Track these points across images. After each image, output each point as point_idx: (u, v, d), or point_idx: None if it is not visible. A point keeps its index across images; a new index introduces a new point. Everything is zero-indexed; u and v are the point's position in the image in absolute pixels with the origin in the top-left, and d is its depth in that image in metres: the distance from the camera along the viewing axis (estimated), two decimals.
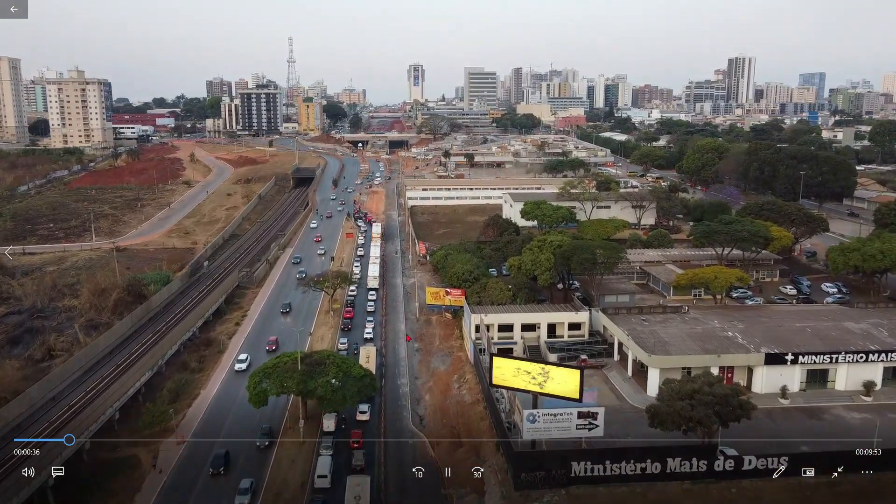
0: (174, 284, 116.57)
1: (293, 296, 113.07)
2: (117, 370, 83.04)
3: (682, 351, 74.28)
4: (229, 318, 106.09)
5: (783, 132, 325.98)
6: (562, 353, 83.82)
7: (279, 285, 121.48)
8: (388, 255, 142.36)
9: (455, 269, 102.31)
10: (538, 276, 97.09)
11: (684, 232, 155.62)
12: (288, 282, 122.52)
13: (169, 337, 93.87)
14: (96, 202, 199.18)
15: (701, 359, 72.45)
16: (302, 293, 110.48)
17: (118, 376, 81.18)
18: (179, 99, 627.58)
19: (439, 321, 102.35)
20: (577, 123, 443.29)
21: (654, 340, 77.27)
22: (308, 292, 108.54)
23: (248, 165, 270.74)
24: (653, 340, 77.16)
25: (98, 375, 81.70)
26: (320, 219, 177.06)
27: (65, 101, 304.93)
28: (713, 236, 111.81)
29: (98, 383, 79.52)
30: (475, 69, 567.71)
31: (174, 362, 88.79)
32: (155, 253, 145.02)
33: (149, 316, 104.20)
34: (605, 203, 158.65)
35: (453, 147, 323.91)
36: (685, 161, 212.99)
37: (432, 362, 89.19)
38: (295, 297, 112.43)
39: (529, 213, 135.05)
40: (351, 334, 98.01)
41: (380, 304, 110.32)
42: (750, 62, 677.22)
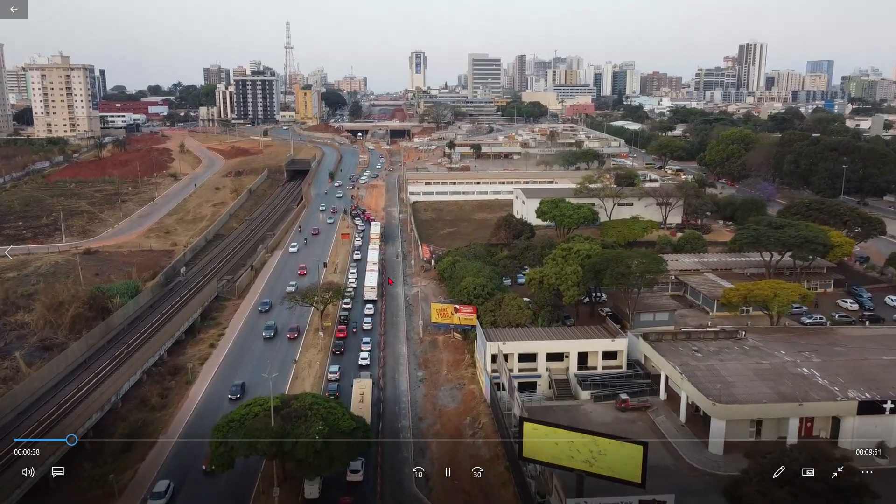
0: (143, 296, 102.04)
1: (277, 312, 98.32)
2: (60, 411, 68.76)
3: (751, 396, 59.74)
4: (204, 337, 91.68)
5: (805, 121, 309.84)
6: (596, 389, 69.41)
7: (265, 295, 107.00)
8: (387, 258, 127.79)
9: (465, 283, 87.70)
10: (563, 291, 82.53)
11: (715, 232, 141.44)
12: (273, 293, 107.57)
13: (129, 364, 79.78)
14: (73, 197, 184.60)
15: (778, 408, 58.00)
16: (288, 309, 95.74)
17: (60, 419, 66.99)
18: (176, 87, 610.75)
19: (447, 343, 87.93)
20: (586, 112, 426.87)
21: (714, 380, 62.76)
22: (295, 308, 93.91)
23: (241, 157, 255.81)
24: (712, 380, 62.66)
25: (35, 419, 67.33)
26: (303, 242, 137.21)
27: (48, 87, 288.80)
28: (762, 242, 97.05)
29: (34, 428, 65.25)
30: (479, 55, 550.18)
31: (133, 395, 74.65)
32: (129, 256, 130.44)
33: (109, 336, 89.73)
34: (628, 200, 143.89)
35: (457, 137, 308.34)
36: (708, 152, 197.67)
37: (439, 397, 74.79)
38: (279, 314, 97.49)
39: (547, 214, 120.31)
40: (343, 360, 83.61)
41: (378, 321, 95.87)
42: (761, 49, 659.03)
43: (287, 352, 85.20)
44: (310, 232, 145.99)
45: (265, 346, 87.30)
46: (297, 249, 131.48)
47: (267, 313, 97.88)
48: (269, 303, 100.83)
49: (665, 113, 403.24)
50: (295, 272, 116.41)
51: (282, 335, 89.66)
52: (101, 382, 75.75)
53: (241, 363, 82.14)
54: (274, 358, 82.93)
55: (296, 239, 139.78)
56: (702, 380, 62.58)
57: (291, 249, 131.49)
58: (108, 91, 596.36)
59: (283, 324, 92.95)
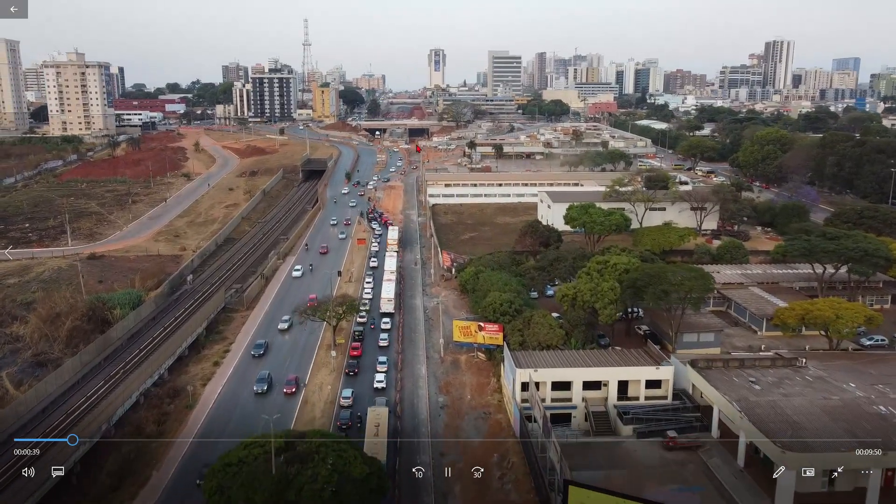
0: (145, 307, 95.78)
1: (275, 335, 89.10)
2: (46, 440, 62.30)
3: (825, 442, 51.76)
4: (208, 353, 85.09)
5: (839, 120, 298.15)
6: (639, 424, 61.82)
7: (275, 306, 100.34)
8: (405, 266, 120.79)
9: (490, 299, 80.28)
10: (599, 310, 74.88)
11: (754, 239, 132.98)
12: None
13: (125, 385, 73.43)
14: (83, 197, 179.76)
15: (858, 458, 49.88)
16: (299, 324, 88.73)
17: (45, 450, 60.51)
18: (194, 84, 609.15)
19: (469, 363, 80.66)
20: (609, 110, 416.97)
21: (778, 419, 54.92)
22: (305, 323, 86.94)
23: (256, 156, 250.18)
24: (776, 419, 54.81)
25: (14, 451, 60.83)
26: (308, 267, 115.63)
27: (63, 85, 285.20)
28: (816, 255, 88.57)
29: (13, 464, 58.88)
30: (499, 53, 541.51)
31: (128, 420, 68.18)
32: (136, 262, 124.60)
33: (107, 352, 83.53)
34: (660, 205, 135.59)
35: (477, 136, 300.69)
36: (741, 153, 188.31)
37: (463, 428, 67.49)
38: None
39: (576, 220, 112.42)
40: (357, 381, 76.60)
41: (395, 337, 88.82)
42: (788, 46, 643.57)
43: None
44: (318, 250, 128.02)
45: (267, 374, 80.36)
46: (302, 273, 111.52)
47: (261, 358, 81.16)
48: (265, 345, 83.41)
49: (691, 112, 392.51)
50: (294, 304, 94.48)
51: (278, 388, 74.03)
52: (94, 407, 69.48)
53: (246, 385, 75.42)
54: (283, 377, 76.33)
55: (301, 260, 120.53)
56: (764, 419, 54.72)
57: (295, 273, 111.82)
58: (127, 89, 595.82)
59: (281, 367, 78.83)
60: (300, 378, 76.21)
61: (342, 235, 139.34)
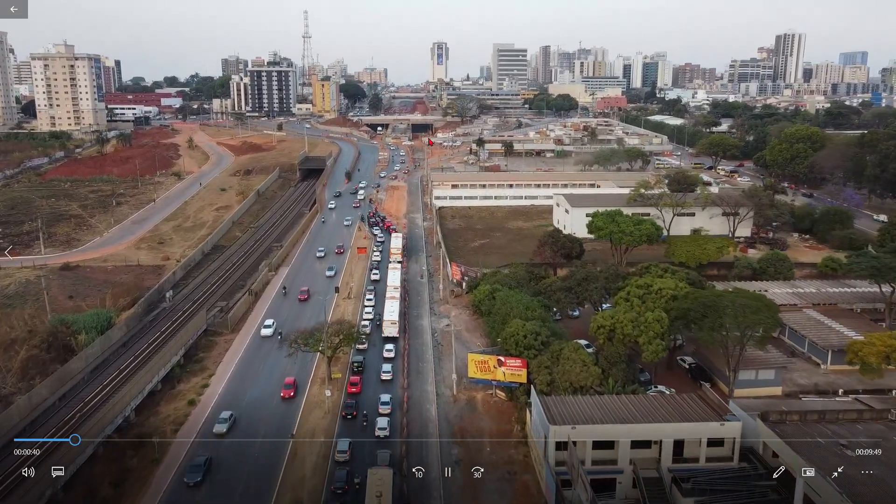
0: (116, 331, 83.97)
1: (272, 361, 77.75)
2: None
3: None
4: (184, 389, 73.37)
5: (862, 117, 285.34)
6: (702, 496, 50.08)
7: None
8: (410, 278, 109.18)
9: (512, 330, 68.38)
10: (643, 345, 63.15)
11: (793, 248, 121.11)
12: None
13: (82, 432, 61.65)
14: (65, 198, 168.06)
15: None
16: (286, 357, 76.74)
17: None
18: (193, 78, 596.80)
19: (487, 404, 69.05)
20: (618, 105, 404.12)
21: (887, 501, 43.23)
22: (296, 355, 75.14)
23: (252, 153, 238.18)
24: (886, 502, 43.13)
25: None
26: (279, 327, 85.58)
27: (51, 78, 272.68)
28: (883, 274, 76.69)
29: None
30: (504, 45, 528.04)
31: (80, 480, 56.72)
32: (113, 273, 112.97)
33: (65, 388, 71.88)
34: (690, 210, 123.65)
35: (483, 132, 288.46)
36: (768, 152, 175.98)
37: (483, 494, 55.77)
38: (274, 361, 78.31)
39: (602, 230, 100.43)
40: (356, 426, 65.08)
41: (400, 367, 77.12)
42: (799, 39, 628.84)
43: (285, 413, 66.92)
44: (297, 297, 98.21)
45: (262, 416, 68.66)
46: (273, 331, 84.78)
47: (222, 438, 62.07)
48: (231, 419, 63.98)
49: (703, 107, 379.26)
50: (255, 381, 73.22)
51: None
52: (40, 463, 57.82)
53: None
54: (269, 424, 64.86)
55: (275, 311, 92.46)
56: (874, 501, 43.03)
57: (265, 331, 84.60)
58: (124, 82, 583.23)
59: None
60: (286, 424, 64.67)
61: (330, 273, 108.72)
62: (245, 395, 71.13)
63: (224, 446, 61.23)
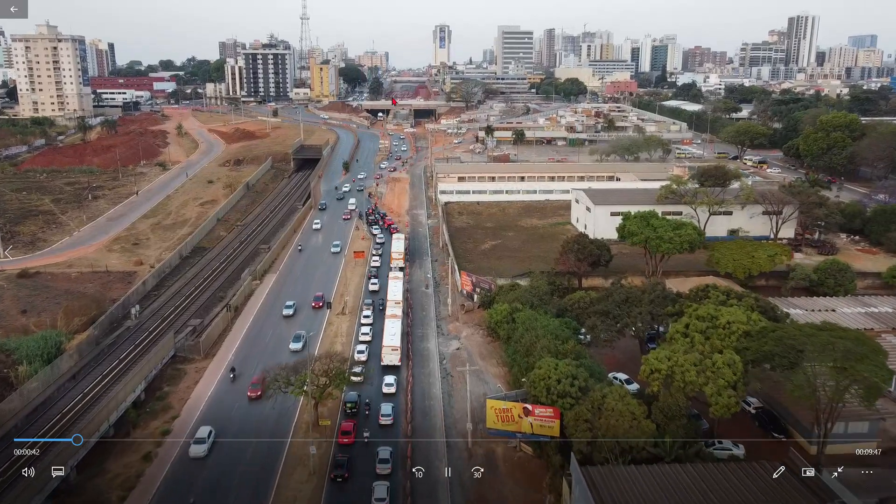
0: (65, 360, 70.79)
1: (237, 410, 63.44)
2: None
3: None
4: (140, 436, 60.37)
5: (890, 102, 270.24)
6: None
7: (243, 352, 75.67)
8: (414, 288, 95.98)
9: (543, 372, 54.78)
10: (710, 396, 49.88)
11: (843, 251, 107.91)
12: (254, 352, 75.48)
13: (7, 500, 49.10)
14: (38, 192, 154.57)
15: None
16: (267, 399, 63.46)
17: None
18: (190, 62, 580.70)
19: (510, 461, 56.07)
20: (629, 90, 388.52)
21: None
22: (276, 398, 61.87)
23: (244, 141, 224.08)
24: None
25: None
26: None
27: (33, 61, 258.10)
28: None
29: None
30: (510, 27, 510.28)
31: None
32: (77, 281, 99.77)
33: None
34: (727, 208, 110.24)
35: (489, 117, 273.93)
36: (801, 141, 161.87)
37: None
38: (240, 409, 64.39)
39: (636, 235, 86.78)
40: (349, 491, 52.12)
41: (402, 406, 64.07)
42: (812, 21, 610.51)
43: (258, 477, 53.89)
44: (281, 313, 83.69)
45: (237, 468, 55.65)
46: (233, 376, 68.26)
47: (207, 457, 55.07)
48: (212, 434, 56.52)
49: (717, 91, 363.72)
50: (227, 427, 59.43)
51: None
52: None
53: (189, 492, 50.97)
54: (241, 485, 51.97)
55: (256, 331, 79.20)
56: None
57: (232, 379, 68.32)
58: (119, 66, 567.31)
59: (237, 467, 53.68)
60: (259, 492, 51.60)
61: (298, 341, 75.74)
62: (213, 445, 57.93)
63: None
